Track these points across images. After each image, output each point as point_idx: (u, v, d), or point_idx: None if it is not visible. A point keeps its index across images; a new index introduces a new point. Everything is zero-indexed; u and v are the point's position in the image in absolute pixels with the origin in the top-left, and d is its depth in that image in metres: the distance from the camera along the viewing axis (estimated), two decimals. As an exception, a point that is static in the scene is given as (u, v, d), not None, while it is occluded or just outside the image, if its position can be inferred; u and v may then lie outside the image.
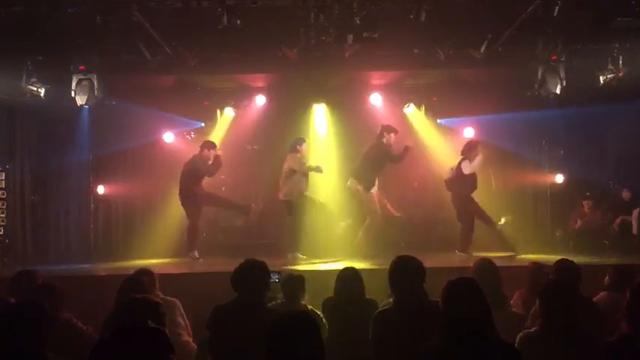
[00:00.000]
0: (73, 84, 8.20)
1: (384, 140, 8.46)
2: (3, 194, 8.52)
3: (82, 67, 8.17)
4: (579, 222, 9.28)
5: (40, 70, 8.24)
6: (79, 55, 8.08)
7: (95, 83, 8.24)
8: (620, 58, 8.06)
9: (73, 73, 8.20)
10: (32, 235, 9.46)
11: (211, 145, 8.91)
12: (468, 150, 8.48)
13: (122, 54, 8.13)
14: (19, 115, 9.28)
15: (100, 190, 10.00)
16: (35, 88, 8.24)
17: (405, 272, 3.51)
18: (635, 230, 8.74)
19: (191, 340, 4.58)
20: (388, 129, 8.52)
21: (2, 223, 8.45)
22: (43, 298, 3.73)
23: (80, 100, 8.27)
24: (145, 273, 4.69)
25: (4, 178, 8.56)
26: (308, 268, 6.93)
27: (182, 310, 4.63)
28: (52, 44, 7.74)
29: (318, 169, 8.39)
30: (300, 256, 8.12)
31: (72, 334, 3.80)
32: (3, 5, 6.57)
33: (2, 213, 8.46)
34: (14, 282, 4.45)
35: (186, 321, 4.66)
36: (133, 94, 9.33)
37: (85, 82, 8.21)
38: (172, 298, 4.66)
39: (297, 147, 8.48)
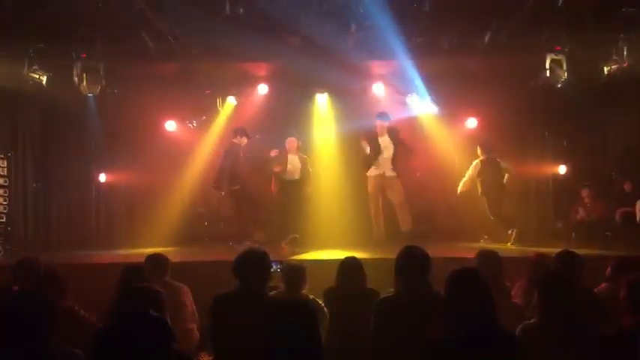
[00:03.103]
0: (76, 72, 8.19)
1: (377, 129, 8.54)
2: (5, 182, 8.52)
3: (84, 55, 8.15)
4: (581, 211, 9.25)
5: (41, 57, 8.23)
6: (81, 43, 8.06)
7: (100, 71, 8.24)
8: (625, 48, 8.00)
9: (75, 60, 8.18)
10: (34, 223, 9.49)
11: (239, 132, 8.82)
12: None
13: (124, 42, 8.10)
14: (21, 102, 9.27)
15: (102, 177, 10.03)
16: (37, 76, 8.23)
17: (412, 262, 3.52)
18: (639, 221, 8.71)
19: (195, 327, 4.61)
20: (379, 115, 8.65)
21: (4, 211, 8.46)
22: (45, 285, 3.74)
23: (84, 88, 8.27)
24: (157, 258, 4.77)
25: (6, 165, 8.56)
26: (309, 258, 6.93)
27: (190, 297, 4.64)
28: (53, 31, 7.72)
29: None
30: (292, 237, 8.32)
31: (74, 322, 3.81)
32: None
33: (4, 200, 8.47)
34: (16, 270, 4.47)
35: (194, 308, 4.68)
36: (135, 82, 9.31)
37: (88, 70, 8.21)
38: (181, 284, 4.70)
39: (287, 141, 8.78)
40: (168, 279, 4.69)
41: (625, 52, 8.00)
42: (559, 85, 8.22)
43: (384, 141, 8.53)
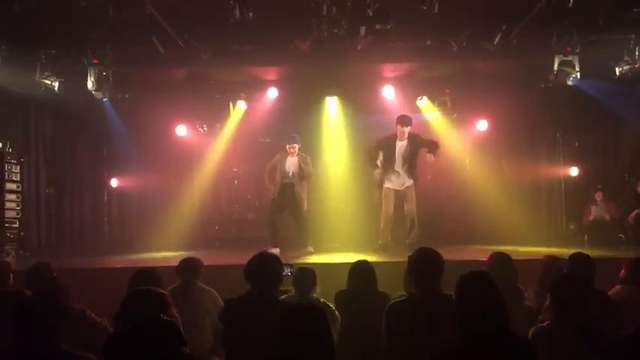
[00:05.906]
0: (89, 77, 8.24)
1: (397, 133, 7.88)
2: (18, 187, 8.58)
3: (96, 61, 8.20)
4: (594, 213, 9.19)
5: (53, 63, 8.29)
6: (92, 49, 8.11)
7: (110, 77, 8.28)
8: (637, 49, 7.94)
9: (86, 66, 8.24)
10: (47, 228, 9.56)
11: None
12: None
13: (135, 47, 8.14)
14: (33, 108, 9.36)
15: (114, 182, 10.09)
16: (49, 82, 8.29)
17: (426, 264, 3.50)
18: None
19: (211, 331, 4.61)
20: (400, 120, 7.88)
21: (17, 216, 8.51)
22: (57, 290, 3.76)
23: (96, 93, 8.32)
24: (190, 260, 4.85)
25: (19, 171, 8.62)
26: (320, 261, 6.92)
27: (218, 301, 4.62)
28: (65, 37, 7.79)
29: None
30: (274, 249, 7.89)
31: (86, 325, 3.83)
32: (17, -1, 6.60)
33: (18, 206, 8.52)
34: (29, 274, 4.49)
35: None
36: (146, 87, 9.38)
37: (100, 76, 8.25)
38: (209, 289, 4.72)
39: (287, 146, 8.25)
40: (199, 283, 4.72)
41: (637, 53, 7.95)
42: (569, 83, 8.13)
43: (402, 146, 7.86)
